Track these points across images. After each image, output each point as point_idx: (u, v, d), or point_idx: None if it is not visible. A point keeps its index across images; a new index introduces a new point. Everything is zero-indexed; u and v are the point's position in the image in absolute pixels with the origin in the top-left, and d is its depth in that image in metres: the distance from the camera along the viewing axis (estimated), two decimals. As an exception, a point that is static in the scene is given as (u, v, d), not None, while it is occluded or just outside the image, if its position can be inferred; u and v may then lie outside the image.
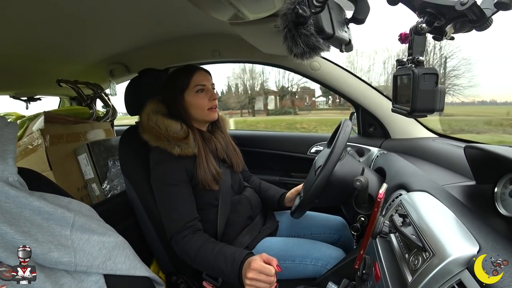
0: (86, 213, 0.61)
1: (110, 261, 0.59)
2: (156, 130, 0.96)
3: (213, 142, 1.05)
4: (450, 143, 1.07)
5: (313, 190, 0.81)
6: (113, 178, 1.52)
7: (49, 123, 1.55)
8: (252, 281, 0.74)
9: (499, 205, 0.57)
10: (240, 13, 0.74)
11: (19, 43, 1.07)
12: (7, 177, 0.51)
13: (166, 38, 1.33)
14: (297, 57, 0.53)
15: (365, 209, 0.87)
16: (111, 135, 1.84)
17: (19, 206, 0.50)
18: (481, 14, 0.40)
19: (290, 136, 1.69)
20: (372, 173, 0.96)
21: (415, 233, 0.54)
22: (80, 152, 1.52)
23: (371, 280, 0.68)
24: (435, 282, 0.45)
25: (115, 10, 0.94)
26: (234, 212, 1.05)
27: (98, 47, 1.35)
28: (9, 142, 0.53)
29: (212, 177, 0.98)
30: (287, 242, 1.04)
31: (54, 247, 0.51)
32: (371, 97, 1.30)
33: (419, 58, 0.48)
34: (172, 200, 0.94)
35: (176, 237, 0.90)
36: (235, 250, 0.84)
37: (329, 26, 0.53)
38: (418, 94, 0.47)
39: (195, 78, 1.01)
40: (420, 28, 0.46)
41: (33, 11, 0.84)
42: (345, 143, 0.82)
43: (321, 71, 1.31)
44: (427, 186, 0.68)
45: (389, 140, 1.30)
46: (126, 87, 1.18)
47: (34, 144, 1.47)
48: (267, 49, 1.19)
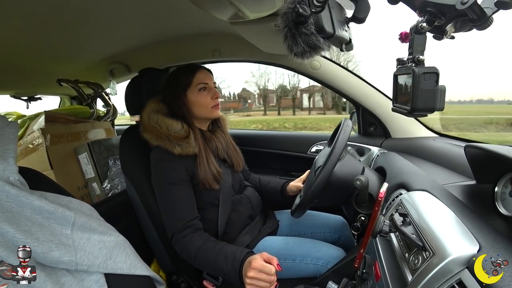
0: (87, 212, 0.62)
1: (111, 260, 0.59)
2: (157, 129, 0.96)
3: (214, 141, 1.05)
4: (450, 143, 1.07)
5: (313, 189, 0.81)
6: (114, 177, 1.52)
7: (50, 123, 1.55)
8: (253, 280, 0.74)
9: (500, 205, 0.57)
10: (240, 12, 0.73)
11: (20, 42, 1.07)
12: (8, 177, 0.51)
13: (166, 38, 1.33)
14: (298, 56, 0.53)
15: (366, 208, 0.87)
16: (111, 135, 1.85)
17: (19, 205, 0.50)
18: (481, 13, 0.40)
19: (290, 136, 1.69)
20: (373, 172, 0.96)
21: (415, 233, 0.54)
22: (81, 152, 1.52)
23: (371, 279, 0.68)
24: (435, 281, 0.45)
25: (115, 9, 0.94)
26: (235, 212, 1.05)
27: (99, 47, 1.35)
28: (9, 141, 0.53)
29: (212, 176, 0.98)
30: (288, 241, 1.04)
31: (55, 246, 0.51)
32: (372, 96, 1.30)
33: (420, 57, 0.48)
34: (173, 199, 0.94)
35: (177, 236, 0.90)
36: (236, 249, 0.84)
37: (330, 25, 0.53)
38: (419, 93, 0.47)
39: (197, 77, 1.01)
40: (420, 27, 0.46)
41: (33, 10, 0.84)
42: (345, 143, 0.82)
43: (322, 70, 1.31)
44: (428, 186, 0.68)
45: (390, 139, 1.30)
46: (127, 87, 1.18)
47: (34, 143, 1.48)
48: (268, 49, 1.19)
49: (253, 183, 1.24)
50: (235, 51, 1.40)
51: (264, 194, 1.20)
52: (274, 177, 1.54)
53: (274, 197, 1.19)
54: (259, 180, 1.25)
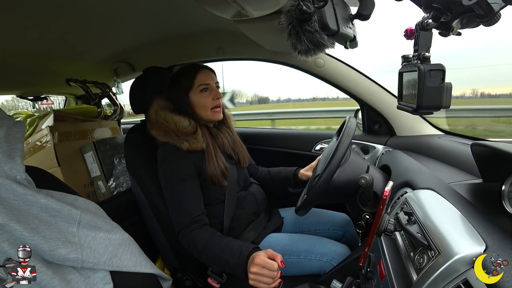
0: (92, 211, 0.62)
1: (116, 258, 0.60)
2: (165, 126, 0.97)
3: (220, 137, 1.06)
4: (456, 141, 1.06)
5: (317, 188, 0.81)
6: (119, 175, 1.53)
7: (58, 122, 1.58)
8: (256, 276, 0.76)
9: (506, 204, 0.56)
10: (243, 10, 0.73)
11: (26, 42, 1.08)
12: (15, 175, 0.52)
13: (170, 36, 1.33)
14: (302, 54, 0.52)
15: (370, 207, 0.87)
16: (117, 133, 1.86)
17: (27, 204, 0.51)
18: (488, 8, 0.39)
19: (295, 134, 1.68)
20: (377, 170, 0.96)
21: (420, 231, 0.54)
22: (86, 150, 1.54)
23: (376, 278, 0.68)
24: (441, 280, 0.44)
25: (119, 9, 0.95)
26: (240, 208, 1.05)
27: (103, 46, 1.35)
28: (16, 141, 0.54)
29: (221, 172, 0.99)
30: (292, 238, 1.04)
31: (62, 243, 0.51)
32: (376, 94, 1.29)
33: (425, 54, 0.47)
34: (181, 195, 0.95)
35: (184, 231, 0.92)
36: (242, 244, 0.85)
37: (334, 22, 0.53)
38: (424, 90, 0.46)
39: (199, 78, 1.01)
40: (426, 24, 0.45)
41: (38, 10, 0.85)
42: (350, 141, 0.82)
43: (326, 68, 1.30)
44: (433, 184, 0.68)
45: (395, 137, 1.29)
46: (131, 86, 1.19)
47: (43, 141, 1.50)
48: (271, 46, 1.18)
49: (263, 176, 1.25)
50: (239, 49, 1.40)
51: (275, 183, 1.22)
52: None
53: (287, 185, 1.21)
54: (268, 172, 1.26)
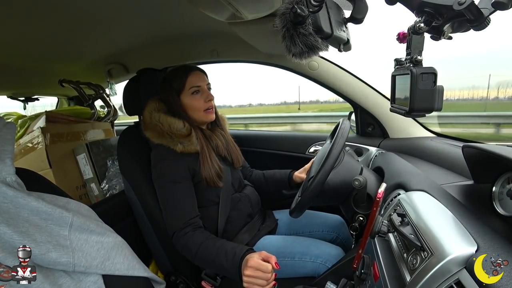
0: (85, 213, 0.61)
1: (109, 261, 0.59)
2: (159, 127, 0.97)
3: (214, 139, 1.06)
4: (448, 143, 1.07)
5: (311, 190, 0.81)
6: (112, 177, 1.51)
7: (51, 123, 1.55)
8: (250, 278, 0.76)
9: (497, 205, 0.57)
10: (238, 12, 0.73)
11: (18, 42, 1.07)
12: (5, 178, 0.51)
13: (164, 38, 1.32)
14: (296, 57, 0.52)
15: (364, 208, 0.87)
16: (110, 135, 1.84)
17: (17, 206, 0.50)
18: (478, 13, 0.40)
19: (289, 136, 1.69)
20: (371, 172, 0.97)
21: (413, 233, 0.54)
22: (79, 152, 1.51)
23: (370, 279, 0.68)
24: (434, 281, 0.45)
25: (113, 10, 0.94)
26: (235, 210, 1.05)
27: (96, 47, 1.34)
28: (6, 142, 0.53)
29: (216, 173, 0.99)
30: (287, 240, 1.04)
31: (53, 247, 0.50)
32: (370, 96, 1.31)
33: (418, 57, 0.48)
34: (174, 197, 0.94)
35: (178, 234, 0.91)
36: (236, 246, 0.85)
37: (327, 25, 0.53)
38: (417, 93, 0.47)
39: (190, 80, 1.01)
40: (418, 28, 0.46)
41: (31, 10, 0.84)
42: (344, 144, 0.82)
43: (320, 71, 1.31)
44: (426, 186, 0.68)
45: (388, 139, 1.30)
46: (125, 87, 1.18)
47: (34, 142, 1.47)
48: (266, 49, 1.19)
49: (257, 178, 1.25)
50: (233, 51, 1.40)
51: (270, 186, 1.22)
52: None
53: (281, 187, 1.21)
54: (263, 175, 1.26)
